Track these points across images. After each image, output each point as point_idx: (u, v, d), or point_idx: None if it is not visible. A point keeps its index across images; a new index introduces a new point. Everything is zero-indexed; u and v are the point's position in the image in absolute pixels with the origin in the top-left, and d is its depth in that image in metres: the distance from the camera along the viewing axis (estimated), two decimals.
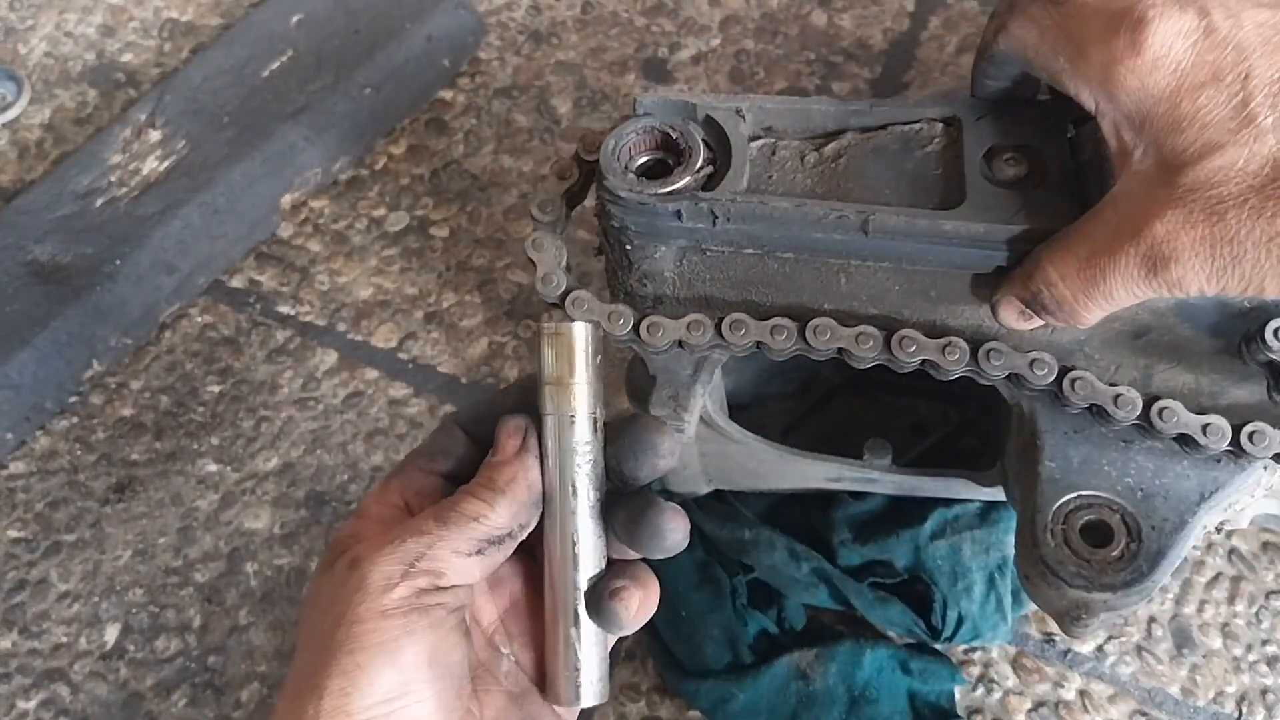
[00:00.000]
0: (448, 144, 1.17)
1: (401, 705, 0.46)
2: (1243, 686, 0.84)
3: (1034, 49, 0.57)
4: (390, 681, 0.46)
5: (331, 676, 0.46)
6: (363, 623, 0.46)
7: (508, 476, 0.51)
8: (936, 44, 1.19)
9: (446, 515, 0.50)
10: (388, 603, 0.47)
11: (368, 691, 0.45)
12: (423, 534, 0.49)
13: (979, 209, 0.60)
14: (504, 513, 0.50)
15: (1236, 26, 0.52)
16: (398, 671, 0.46)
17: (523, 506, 0.51)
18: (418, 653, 0.47)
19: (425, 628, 0.47)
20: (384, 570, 0.47)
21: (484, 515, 0.50)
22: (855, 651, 0.82)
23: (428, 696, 0.47)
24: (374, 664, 0.46)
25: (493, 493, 0.51)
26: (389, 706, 0.46)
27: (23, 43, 1.27)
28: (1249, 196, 0.50)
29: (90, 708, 0.88)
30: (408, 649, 0.46)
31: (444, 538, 0.49)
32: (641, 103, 0.64)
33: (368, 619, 0.46)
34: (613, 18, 1.24)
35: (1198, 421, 0.61)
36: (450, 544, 0.49)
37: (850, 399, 0.90)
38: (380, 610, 0.47)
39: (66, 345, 1.00)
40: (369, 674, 0.46)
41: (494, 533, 0.50)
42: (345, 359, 1.04)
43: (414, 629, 0.47)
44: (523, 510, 0.51)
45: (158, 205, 1.06)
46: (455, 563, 0.49)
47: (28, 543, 0.96)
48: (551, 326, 0.53)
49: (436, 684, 0.47)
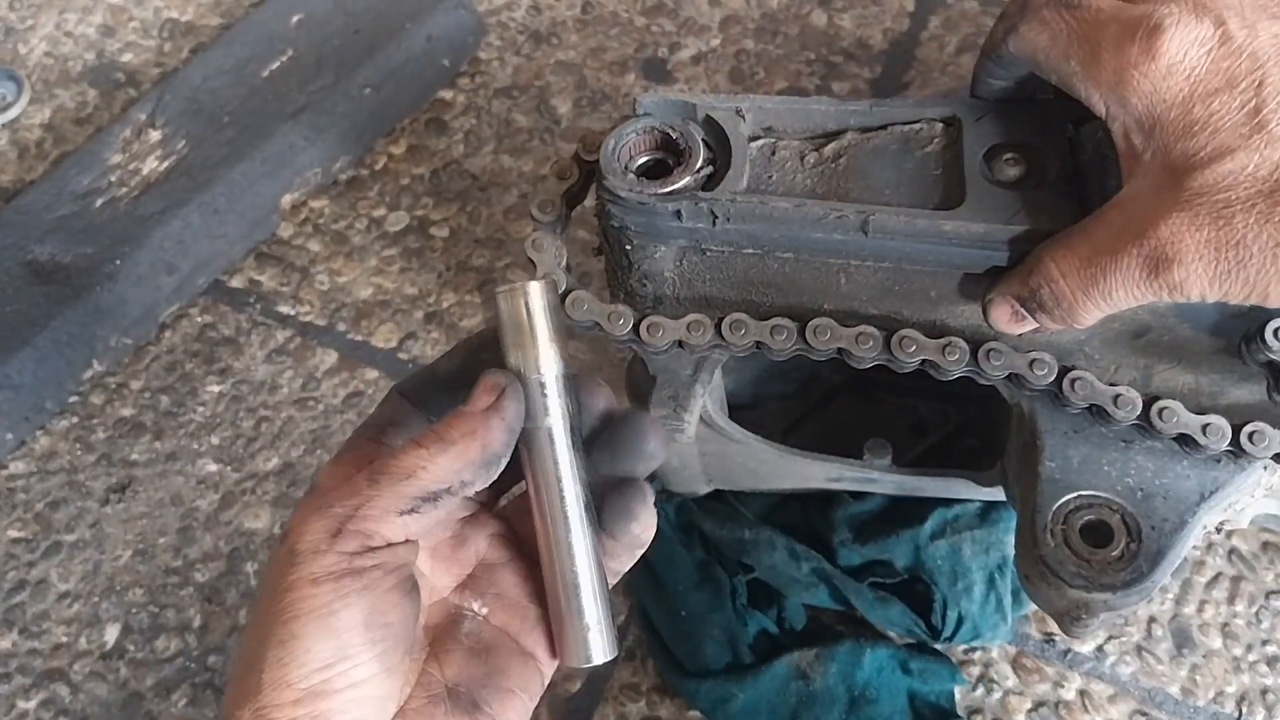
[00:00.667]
0: (448, 144, 1.17)
1: (341, 670, 0.45)
2: (1243, 686, 0.84)
3: (1045, 51, 0.57)
4: (326, 648, 0.45)
5: (269, 648, 0.45)
6: (294, 591, 0.46)
7: (464, 429, 0.49)
8: (936, 44, 1.19)
9: (379, 472, 0.48)
10: (317, 569, 0.46)
11: (305, 660, 0.45)
12: (352, 495, 0.48)
13: (979, 209, 0.60)
14: (444, 467, 0.48)
15: (1252, 36, 0.52)
16: (333, 637, 0.45)
17: (469, 464, 0.49)
18: (352, 616, 0.46)
19: (359, 591, 0.46)
20: (310, 538, 0.47)
21: (421, 469, 0.48)
22: (855, 651, 0.82)
23: (367, 659, 0.46)
24: (308, 632, 0.45)
25: (439, 444, 0.49)
26: (328, 673, 0.45)
27: (23, 43, 1.27)
28: (1257, 201, 0.50)
29: (90, 708, 0.88)
30: (341, 614, 0.46)
31: (373, 497, 0.47)
32: (641, 103, 0.64)
33: (299, 588, 0.46)
34: (613, 18, 1.24)
35: (1198, 421, 0.61)
36: (380, 503, 0.47)
37: (850, 399, 0.90)
38: (310, 578, 0.46)
39: (66, 345, 1.00)
40: (304, 642, 0.45)
41: (430, 488, 0.48)
42: (345, 359, 1.04)
43: (346, 593, 0.46)
44: (468, 468, 0.49)
45: (158, 205, 1.06)
46: (387, 522, 0.47)
47: (28, 543, 0.96)
48: (507, 287, 0.52)
49: (376, 646, 0.47)
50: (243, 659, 0.47)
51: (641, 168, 0.64)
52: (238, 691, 0.46)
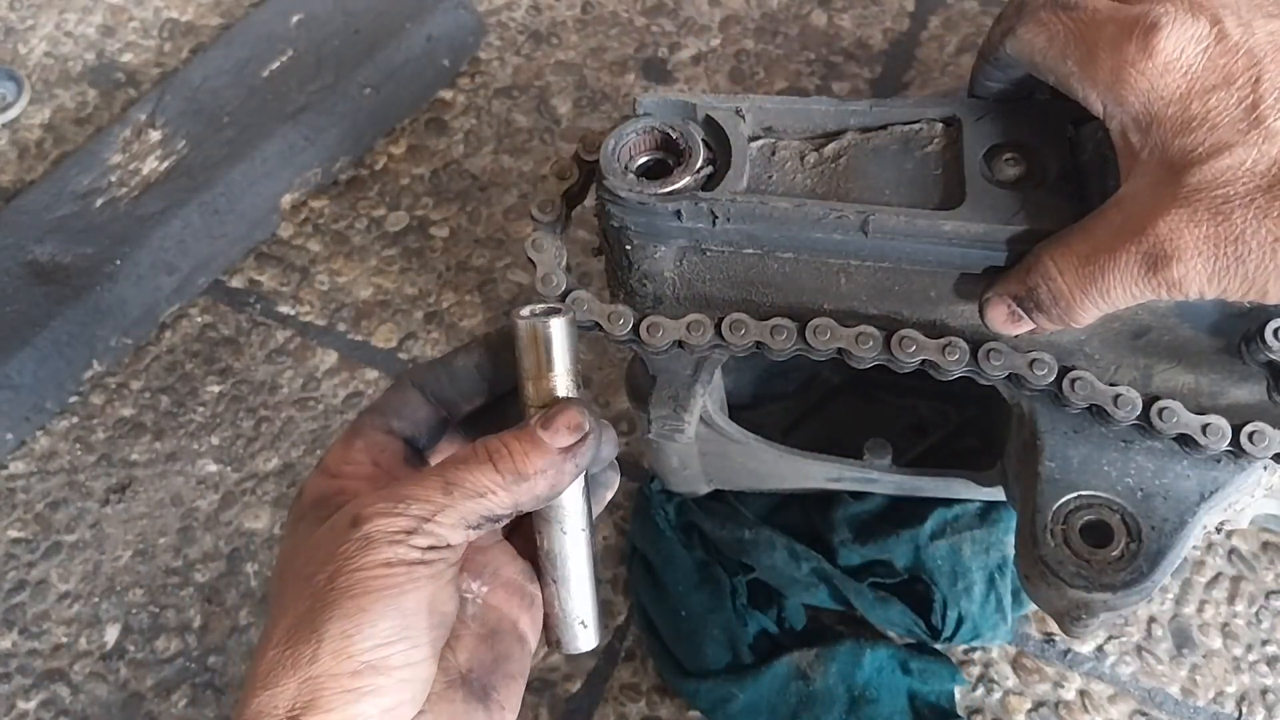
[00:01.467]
0: (448, 144, 1.17)
1: (400, 649, 0.47)
2: (1243, 686, 0.84)
3: (1042, 53, 0.57)
4: (392, 625, 0.47)
5: (332, 620, 0.46)
6: (366, 570, 0.47)
7: (540, 466, 0.51)
8: (936, 44, 1.19)
9: (454, 484, 0.50)
10: (391, 555, 0.48)
11: (369, 634, 0.46)
12: (428, 501, 0.49)
13: (979, 209, 0.60)
14: (513, 495, 0.51)
15: (1248, 33, 0.52)
16: (400, 616, 0.47)
17: (535, 498, 0.52)
18: (419, 600, 0.48)
19: (427, 579, 0.48)
20: (388, 528, 0.48)
21: (492, 494, 0.50)
22: (855, 651, 0.82)
23: (424, 643, 0.48)
24: (377, 607, 0.46)
25: (513, 476, 0.51)
26: (388, 649, 0.47)
27: (23, 43, 1.27)
28: (1256, 197, 0.50)
29: (90, 708, 0.88)
30: (411, 595, 0.47)
31: (447, 508, 0.49)
32: (641, 103, 0.64)
33: (371, 568, 0.47)
34: (613, 18, 1.24)
35: (1198, 421, 0.61)
36: (454, 514, 0.49)
37: (850, 399, 0.90)
38: (384, 561, 0.47)
39: (67, 345, 1.00)
40: (372, 616, 0.46)
41: (497, 511, 0.51)
42: (345, 359, 1.04)
43: (417, 577, 0.48)
44: (533, 501, 0.52)
45: (158, 205, 1.06)
46: (456, 531, 0.50)
47: (28, 543, 0.96)
48: (529, 323, 0.54)
49: (433, 631, 0.48)
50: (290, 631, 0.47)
51: (641, 168, 0.64)
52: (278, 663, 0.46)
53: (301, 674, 0.45)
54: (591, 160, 0.65)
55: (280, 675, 0.46)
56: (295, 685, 0.45)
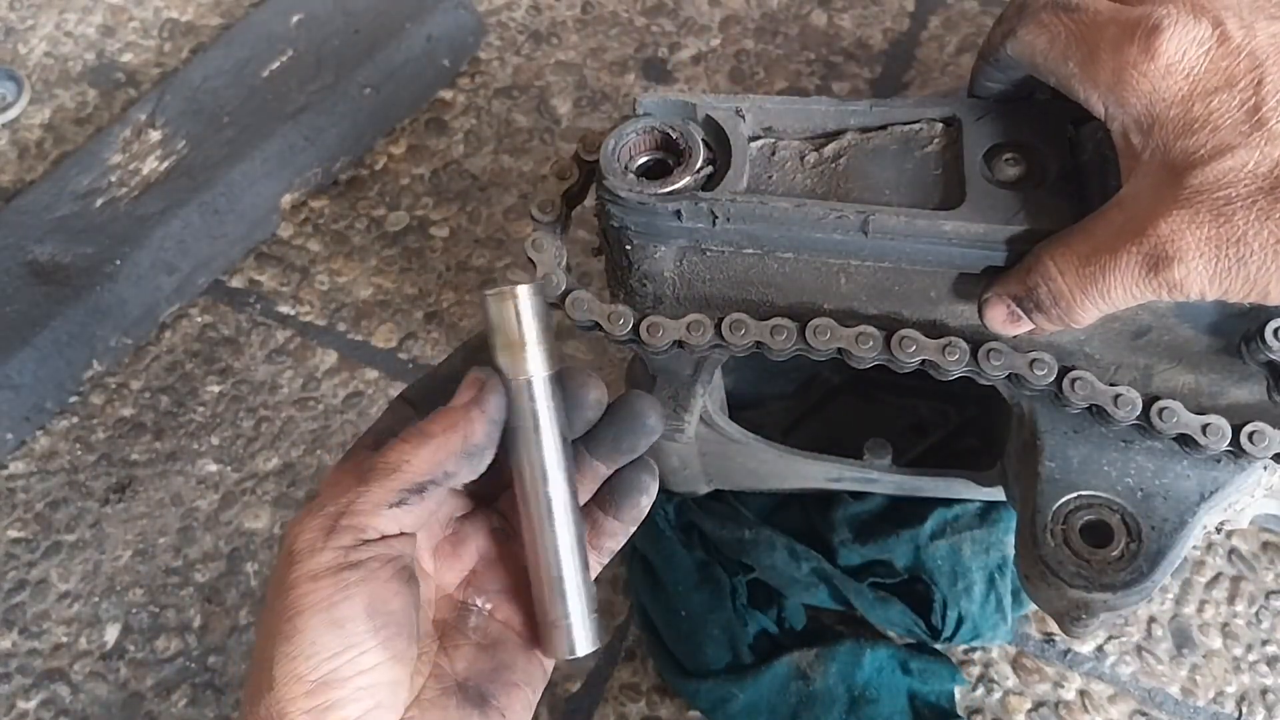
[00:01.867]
0: (448, 144, 1.17)
1: (348, 659, 0.47)
2: (1243, 686, 0.84)
3: (1043, 54, 0.57)
4: (331, 639, 0.47)
5: (277, 645, 0.47)
6: (296, 589, 0.47)
7: (445, 423, 0.51)
8: (936, 44, 1.19)
9: (367, 470, 0.50)
10: (315, 566, 0.48)
11: (311, 652, 0.46)
12: (342, 494, 0.50)
13: (979, 209, 0.60)
14: (427, 459, 0.50)
15: (1250, 36, 0.52)
16: (337, 627, 0.47)
17: (451, 454, 0.50)
18: (353, 606, 0.47)
19: (358, 582, 0.48)
20: (307, 537, 0.49)
21: (405, 463, 0.50)
22: (855, 651, 0.82)
23: (372, 646, 0.48)
24: (312, 625, 0.47)
25: (421, 438, 0.51)
26: (336, 662, 0.47)
27: (23, 43, 1.27)
28: (1258, 198, 0.50)
29: (90, 708, 0.88)
30: (342, 605, 0.47)
31: (363, 492, 0.49)
32: (641, 103, 0.64)
33: (299, 585, 0.47)
34: (613, 18, 1.24)
35: (1197, 421, 0.61)
36: (370, 497, 0.49)
37: (850, 399, 0.90)
38: (310, 574, 0.48)
39: (67, 345, 1.00)
40: (309, 635, 0.47)
41: (415, 479, 0.50)
42: (345, 359, 1.04)
43: (346, 584, 0.48)
44: (450, 459, 0.51)
45: (158, 205, 1.06)
46: (378, 515, 0.49)
47: (28, 543, 0.96)
48: (495, 291, 0.53)
49: (380, 633, 0.48)
50: (254, 661, 0.48)
51: (641, 168, 0.64)
52: (252, 691, 0.48)
53: (264, 705, 0.46)
54: (591, 160, 0.65)
55: (252, 705, 0.47)
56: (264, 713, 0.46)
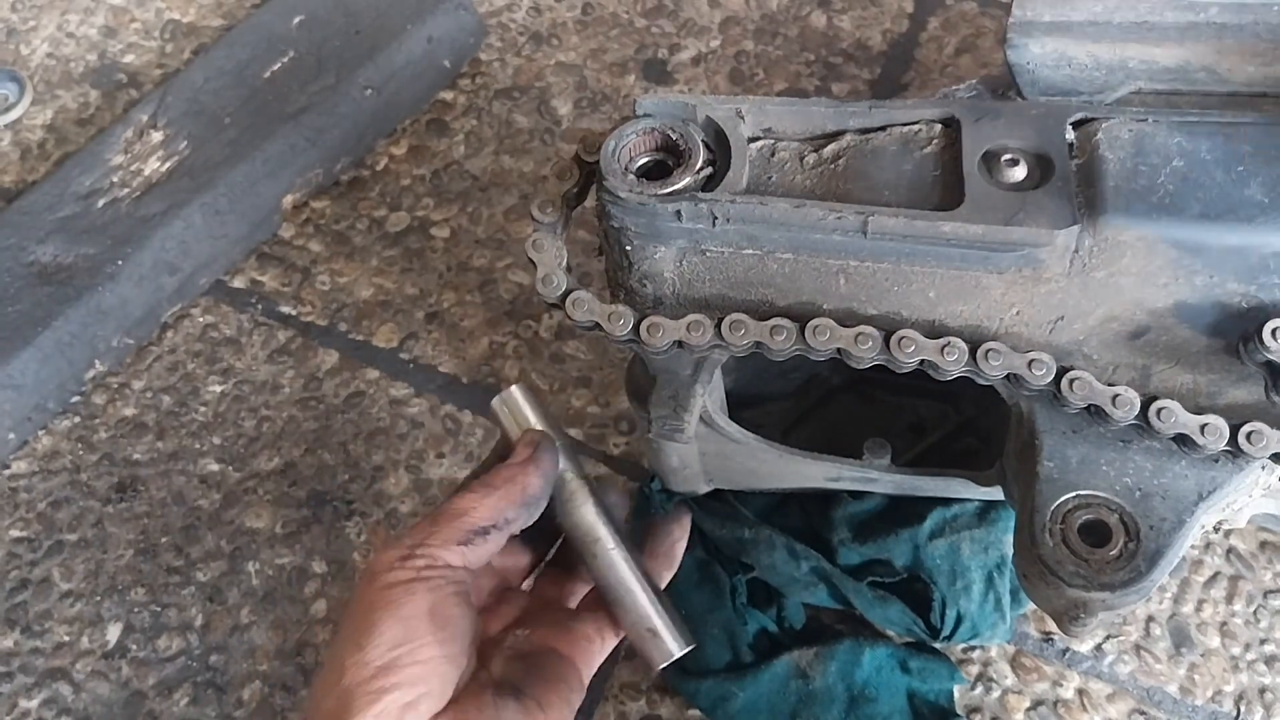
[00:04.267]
0: (448, 145, 1.17)
1: (409, 649, 0.54)
2: (1241, 685, 0.84)
3: None
4: (397, 631, 0.54)
5: (351, 637, 0.55)
6: (370, 597, 0.56)
7: (506, 476, 0.61)
8: (935, 45, 1.19)
9: (439, 514, 0.59)
10: (390, 579, 0.56)
11: (378, 641, 0.54)
12: (420, 531, 0.58)
13: (978, 210, 0.60)
14: (491, 507, 0.59)
15: None
16: (401, 623, 0.55)
17: (511, 505, 0.60)
18: (416, 607, 0.55)
19: (424, 590, 0.56)
20: (385, 560, 0.57)
21: (472, 509, 0.59)
22: (855, 650, 0.82)
23: (430, 643, 0.55)
24: (380, 619, 0.55)
25: (485, 489, 0.60)
26: (398, 650, 0.54)
27: (25, 44, 1.28)
28: None
29: (92, 707, 0.88)
30: (408, 605, 0.55)
31: (435, 531, 0.58)
32: (641, 104, 0.65)
33: (374, 594, 0.56)
34: (613, 19, 1.24)
35: (1196, 421, 0.61)
36: (439, 536, 0.58)
37: (850, 399, 0.90)
38: (385, 585, 0.56)
39: (69, 345, 1.00)
40: (378, 627, 0.54)
41: (480, 524, 0.59)
42: (346, 359, 1.04)
43: (414, 592, 0.56)
44: (510, 508, 0.60)
45: (160, 206, 1.06)
46: (448, 550, 0.58)
47: (30, 542, 0.96)
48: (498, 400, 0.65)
49: (438, 633, 0.55)
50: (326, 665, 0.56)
51: (642, 169, 0.64)
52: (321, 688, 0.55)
53: (336, 691, 0.53)
54: (592, 161, 0.65)
55: (321, 697, 0.54)
56: (333, 700, 0.53)
